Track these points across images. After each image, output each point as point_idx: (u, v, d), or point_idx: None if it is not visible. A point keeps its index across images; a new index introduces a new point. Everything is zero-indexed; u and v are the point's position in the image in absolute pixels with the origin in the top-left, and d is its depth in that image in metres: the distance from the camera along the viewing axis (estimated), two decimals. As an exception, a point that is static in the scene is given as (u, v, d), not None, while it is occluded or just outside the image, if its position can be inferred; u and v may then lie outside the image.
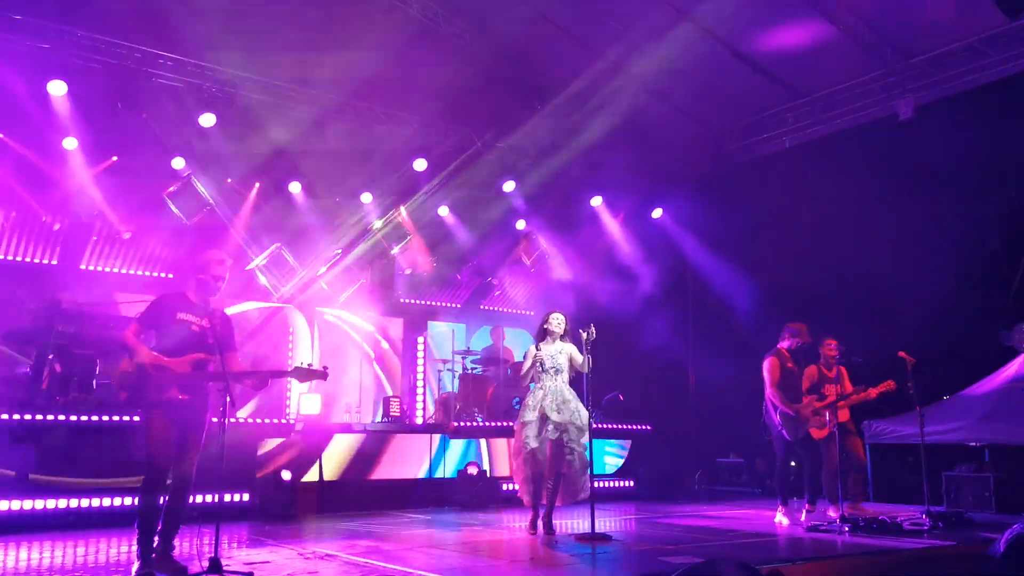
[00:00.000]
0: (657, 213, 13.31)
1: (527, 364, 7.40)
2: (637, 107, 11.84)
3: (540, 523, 7.34)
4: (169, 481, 5.30)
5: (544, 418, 7.18)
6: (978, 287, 10.22)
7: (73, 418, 7.98)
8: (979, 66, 9.98)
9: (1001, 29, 9.55)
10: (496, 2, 10.17)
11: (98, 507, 7.81)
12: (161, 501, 5.27)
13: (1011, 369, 9.65)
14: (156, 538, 5.28)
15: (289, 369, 5.56)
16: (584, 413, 7.30)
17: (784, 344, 8.42)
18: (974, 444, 9.73)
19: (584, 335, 7.21)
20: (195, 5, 9.26)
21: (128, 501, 7.82)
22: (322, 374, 5.41)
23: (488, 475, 10.26)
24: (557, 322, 7.44)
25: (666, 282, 12.95)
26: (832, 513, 8.20)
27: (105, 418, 8.02)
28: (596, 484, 7.47)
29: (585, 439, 7.25)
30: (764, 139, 12.32)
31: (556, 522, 7.34)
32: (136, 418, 5.52)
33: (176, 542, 5.45)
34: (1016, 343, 9.46)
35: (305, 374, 5.43)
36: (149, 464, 5.24)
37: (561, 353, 7.38)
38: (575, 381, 7.49)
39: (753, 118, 12.24)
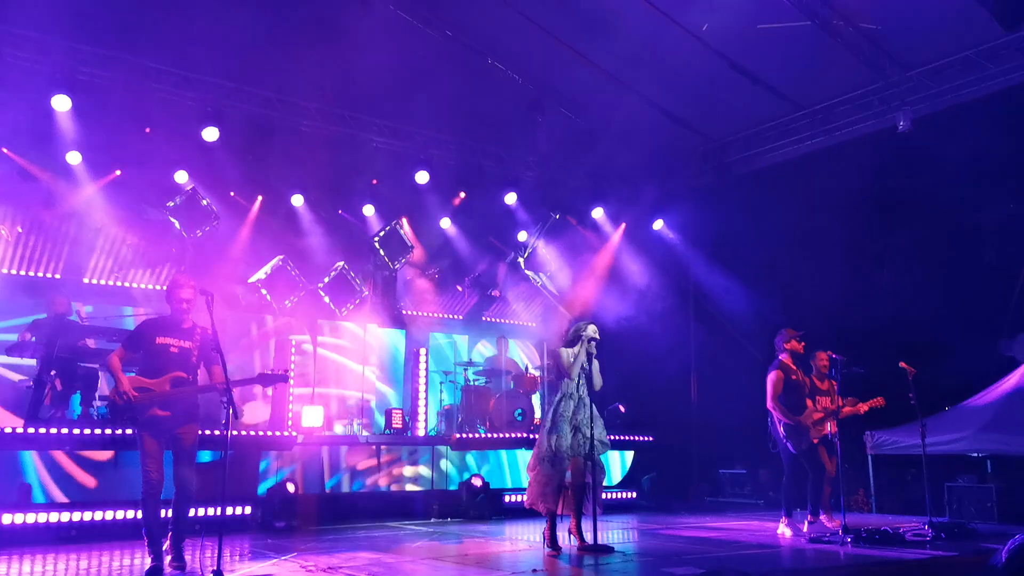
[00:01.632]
0: (658, 224, 13.35)
1: (578, 359, 7.12)
2: (638, 119, 11.91)
3: (566, 533, 7.18)
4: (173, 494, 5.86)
5: (577, 430, 7.07)
6: (978, 297, 10.23)
7: (76, 431, 8.00)
8: (977, 78, 10.04)
9: (998, 42, 9.61)
10: (498, 16, 10.23)
11: (100, 520, 7.81)
12: (160, 509, 5.80)
13: (1012, 379, 9.64)
14: (167, 544, 5.81)
15: (254, 376, 6.14)
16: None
17: (785, 356, 8.40)
18: (976, 455, 9.72)
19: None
20: (198, 20, 9.35)
21: (127, 515, 7.84)
22: (283, 377, 6.08)
23: (490, 487, 10.26)
24: (593, 331, 7.27)
25: (667, 292, 12.97)
26: (832, 523, 8.20)
27: (108, 431, 8.03)
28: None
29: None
30: (764, 151, 12.37)
31: (559, 534, 7.27)
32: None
33: (185, 547, 5.93)
34: (1017, 353, 9.47)
35: (268, 379, 6.03)
36: (144, 478, 5.75)
37: (590, 362, 7.30)
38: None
39: (753, 130, 12.30)
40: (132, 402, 5.69)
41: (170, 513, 5.90)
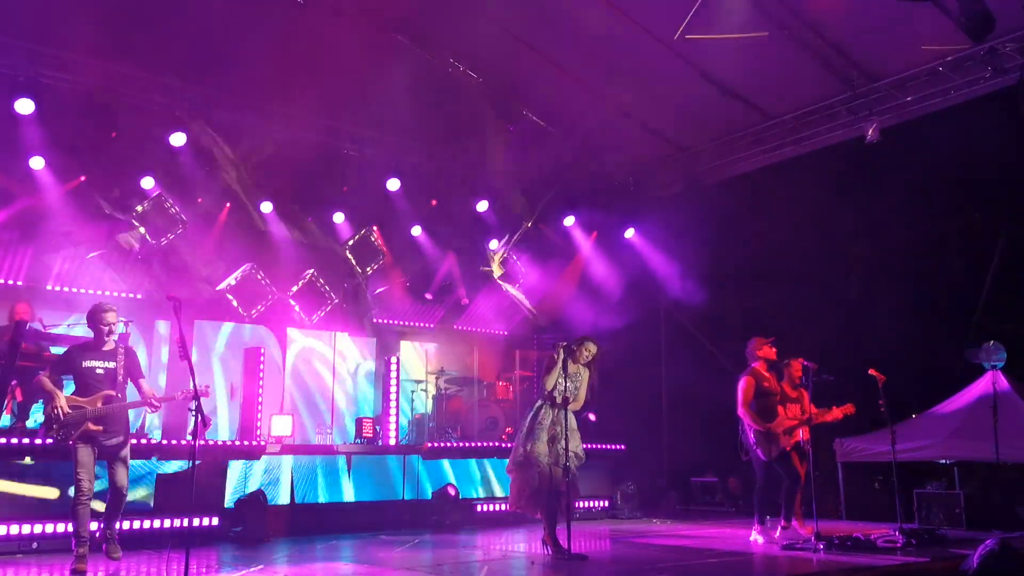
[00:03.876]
0: (630, 232, 13.38)
1: (555, 370, 7.15)
2: (609, 128, 11.95)
3: (540, 542, 7.20)
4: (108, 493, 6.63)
5: (554, 440, 7.11)
6: (944, 305, 10.38)
7: (38, 442, 7.80)
8: (942, 89, 10.20)
9: (963, 54, 9.76)
10: (470, 23, 10.21)
11: (63, 532, 7.59)
12: (89, 516, 6.44)
13: (978, 386, 9.77)
14: (100, 536, 6.56)
15: (177, 394, 6.45)
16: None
17: (758, 363, 8.42)
18: (944, 461, 9.82)
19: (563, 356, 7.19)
20: (165, 25, 9.22)
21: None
22: (203, 393, 6.29)
23: (461, 496, 10.18)
24: (588, 353, 7.36)
25: (639, 301, 12.99)
26: (804, 530, 8.22)
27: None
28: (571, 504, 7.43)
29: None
30: (735, 160, 12.45)
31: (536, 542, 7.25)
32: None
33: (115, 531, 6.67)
34: (983, 360, 9.59)
35: (190, 395, 6.11)
36: (77, 486, 6.37)
37: (580, 378, 7.35)
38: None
39: (724, 139, 12.37)
40: (67, 418, 6.29)
41: (97, 524, 6.58)
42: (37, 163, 9.64)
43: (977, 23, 7.92)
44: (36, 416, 8.60)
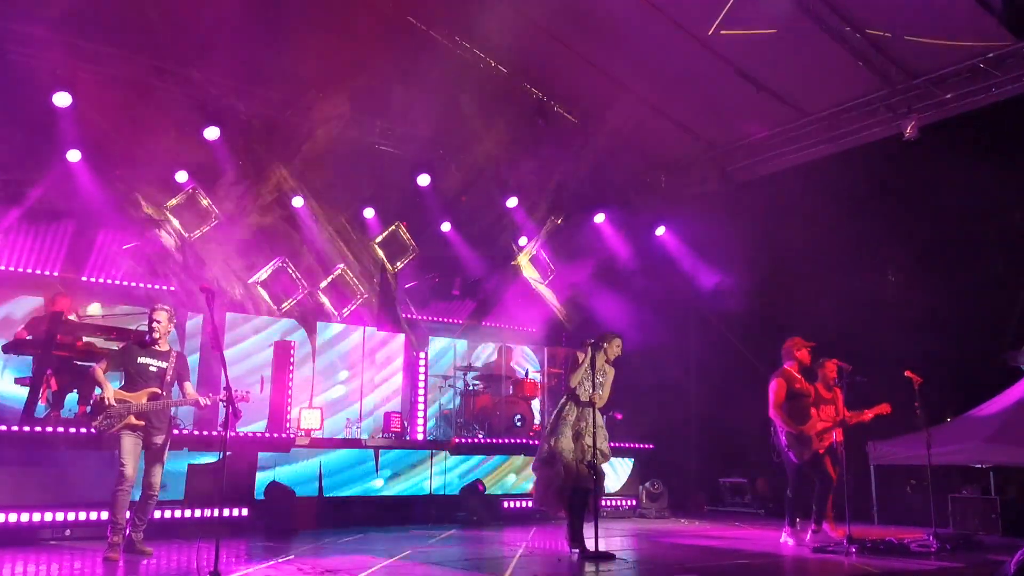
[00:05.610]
0: (660, 230, 13.28)
1: (582, 367, 7.16)
2: (642, 124, 11.85)
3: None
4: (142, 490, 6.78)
5: (578, 436, 7.08)
6: (982, 307, 10.16)
7: (72, 430, 7.91)
8: (983, 87, 9.98)
9: (1006, 50, 9.55)
10: (502, 19, 10.18)
11: (95, 520, 7.69)
12: (128, 499, 6.63)
13: (1017, 390, 9.56)
14: (127, 529, 6.67)
15: (220, 396, 6.21)
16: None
17: (790, 364, 8.31)
18: (980, 466, 9.63)
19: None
20: (200, 19, 9.28)
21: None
22: (243, 398, 6.55)
23: (488, 492, 10.18)
24: (616, 349, 7.36)
25: (669, 299, 12.88)
26: (836, 533, 8.10)
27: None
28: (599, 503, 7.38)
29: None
30: (769, 157, 12.28)
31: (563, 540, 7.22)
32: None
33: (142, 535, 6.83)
34: (1022, 363, 9.38)
35: (229, 397, 6.15)
36: (119, 471, 6.63)
37: (605, 375, 7.32)
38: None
39: (758, 136, 12.20)
40: (112, 410, 6.57)
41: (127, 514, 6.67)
42: (73, 156, 9.76)
43: (1020, 18, 7.72)
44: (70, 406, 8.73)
